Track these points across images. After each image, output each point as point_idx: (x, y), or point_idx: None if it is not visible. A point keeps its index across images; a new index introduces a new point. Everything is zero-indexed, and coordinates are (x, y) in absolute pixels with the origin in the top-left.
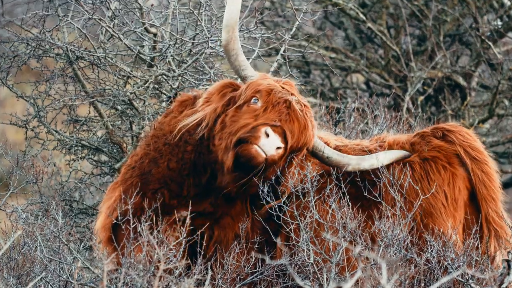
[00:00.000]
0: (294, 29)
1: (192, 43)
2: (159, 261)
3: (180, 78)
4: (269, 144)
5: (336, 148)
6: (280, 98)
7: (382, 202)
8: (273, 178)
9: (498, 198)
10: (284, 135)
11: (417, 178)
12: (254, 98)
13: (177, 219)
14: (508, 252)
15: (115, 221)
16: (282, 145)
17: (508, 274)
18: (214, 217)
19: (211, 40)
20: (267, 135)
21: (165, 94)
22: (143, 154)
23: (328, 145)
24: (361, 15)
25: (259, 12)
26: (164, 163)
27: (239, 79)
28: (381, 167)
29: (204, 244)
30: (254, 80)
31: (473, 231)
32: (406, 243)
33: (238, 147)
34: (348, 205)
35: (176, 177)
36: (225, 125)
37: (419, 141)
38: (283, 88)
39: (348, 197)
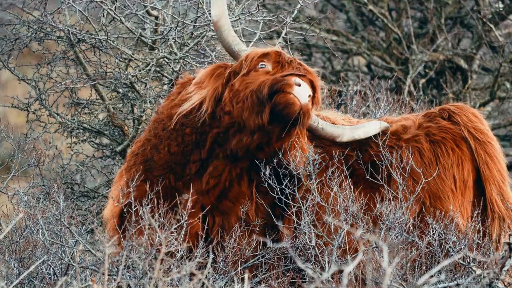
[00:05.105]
0: (295, 11)
1: (194, 26)
2: (160, 244)
3: (181, 61)
4: (302, 92)
5: None
6: (289, 57)
7: (384, 185)
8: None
9: (502, 180)
10: (312, 84)
11: (426, 162)
12: (261, 63)
13: (178, 202)
14: (510, 235)
15: (119, 205)
16: (311, 94)
17: (510, 257)
18: (216, 195)
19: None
20: (299, 84)
21: (166, 77)
22: (145, 140)
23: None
24: None
25: None
26: (164, 149)
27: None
28: (375, 134)
29: (207, 228)
30: (250, 51)
31: (475, 214)
32: (408, 226)
33: (274, 97)
34: (350, 188)
35: (180, 159)
36: (238, 90)
37: (426, 122)
38: None
39: (357, 177)
